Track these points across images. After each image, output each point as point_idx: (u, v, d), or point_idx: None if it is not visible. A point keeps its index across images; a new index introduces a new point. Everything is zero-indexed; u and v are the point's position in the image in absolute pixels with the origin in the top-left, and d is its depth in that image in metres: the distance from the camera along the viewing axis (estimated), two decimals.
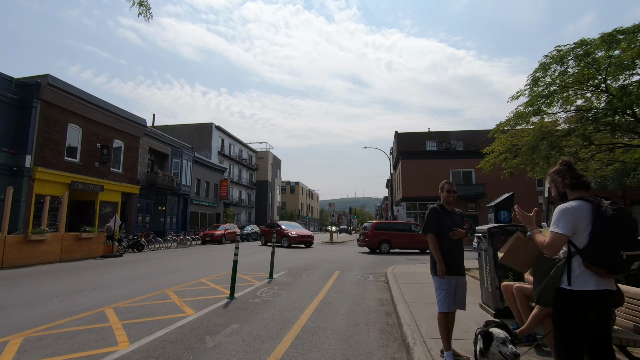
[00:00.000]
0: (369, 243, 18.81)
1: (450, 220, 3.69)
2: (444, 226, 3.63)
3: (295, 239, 22.15)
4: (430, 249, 3.65)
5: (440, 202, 3.84)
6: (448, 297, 3.55)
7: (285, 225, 23.91)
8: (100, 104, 20.06)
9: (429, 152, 32.20)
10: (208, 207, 34.97)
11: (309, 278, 9.39)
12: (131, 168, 23.02)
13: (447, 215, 3.71)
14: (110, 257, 14.69)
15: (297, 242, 22.12)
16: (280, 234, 22.21)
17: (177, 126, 40.67)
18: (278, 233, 22.13)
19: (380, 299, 6.96)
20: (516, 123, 10.95)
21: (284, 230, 22.74)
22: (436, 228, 3.63)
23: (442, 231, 3.63)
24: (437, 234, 3.62)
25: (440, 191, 3.86)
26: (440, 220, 3.64)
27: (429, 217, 3.70)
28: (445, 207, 3.76)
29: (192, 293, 6.99)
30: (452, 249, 3.63)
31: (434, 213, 3.70)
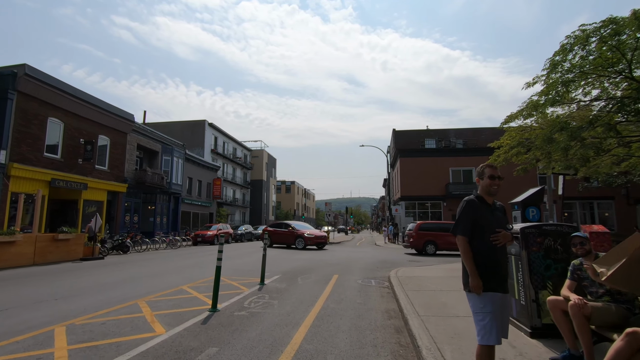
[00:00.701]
0: (414, 244, 17.80)
1: (493, 217, 2.75)
2: (484, 225, 2.71)
3: (312, 240, 20.37)
4: (460, 253, 2.73)
5: (478, 192, 2.90)
6: (495, 324, 2.59)
7: (296, 225, 21.85)
8: (84, 97, 18.95)
9: (428, 149, 31.38)
10: (200, 207, 33.89)
11: (304, 283, 8.45)
12: (118, 165, 21.91)
13: (487, 210, 2.77)
14: (91, 259, 13.65)
15: (313, 244, 20.38)
16: (292, 234, 20.65)
17: (169, 123, 39.52)
18: (290, 234, 20.78)
19: (386, 309, 6.04)
20: (529, 114, 10.08)
21: (297, 231, 20.85)
22: (470, 228, 2.72)
23: (481, 232, 2.70)
24: (473, 235, 2.71)
25: (478, 178, 2.92)
26: (479, 218, 2.71)
27: (462, 213, 2.76)
28: (485, 200, 2.82)
29: (169, 304, 6.01)
30: (495, 256, 2.69)
31: (469, 207, 2.75)
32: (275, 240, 21.19)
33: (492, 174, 2.80)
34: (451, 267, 11.29)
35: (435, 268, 11.17)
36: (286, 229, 21.21)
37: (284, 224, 22.20)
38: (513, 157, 10.70)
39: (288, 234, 20.89)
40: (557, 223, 4.43)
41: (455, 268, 11.09)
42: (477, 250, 2.64)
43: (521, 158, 10.54)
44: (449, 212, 28.13)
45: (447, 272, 9.96)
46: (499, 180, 2.80)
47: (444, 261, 14.31)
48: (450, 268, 11.09)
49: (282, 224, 22.31)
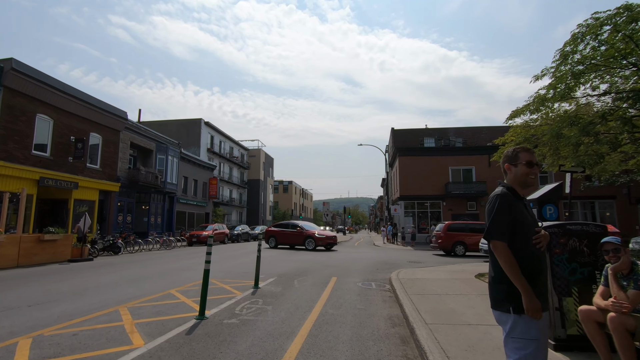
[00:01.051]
0: (443, 245, 17.33)
1: (530, 214, 2.17)
2: (524, 226, 2.08)
3: (323, 240, 19.37)
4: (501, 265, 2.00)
5: (507, 182, 2.23)
6: (541, 355, 1.96)
7: (305, 225, 20.73)
8: (74, 94, 18.40)
9: (428, 148, 30.95)
10: (196, 207, 33.33)
11: (301, 287, 7.97)
12: (110, 164, 21.34)
13: (523, 206, 2.15)
14: (79, 261, 13.10)
15: (324, 244, 19.45)
16: (301, 235, 19.68)
17: (164, 122, 38.92)
18: (299, 234, 19.82)
19: (389, 316, 5.57)
20: (536, 109, 9.63)
21: (307, 231, 19.82)
22: (510, 230, 2.05)
23: (522, 234, 2.05)
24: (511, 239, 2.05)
25: (508, 164, 2.23)
26: (517, 216, 2.07)
27: (497, 211, 2.06)
28: (519, 193, 2.19)
29: (153, 311, 5.52)
30: (539, 264, 2.07)
31: (505, 203, 2.06)
32: (282, 241, 20.29)
33: (530, 160, 2.16)
34: (454, 269, 10.85)
35: (437, 270, 10.73)
36: (294, 229, 20.20)
37: (290, 223, 21.19)
38: None
39: (296, 235, 19.95)
40: (583, 222, 3.97)
41: (459, 270, 10.65)
42: (519, 258, 2.01)
43: None
44: (449, 211, 27.73)
45: (451, 274, 9.51)
46: (537, 168, 2.19)
47: (444, 262, 13.88)
48: (453, 270, 10.65)
49: (289, 223, 21.25)
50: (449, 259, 15.37)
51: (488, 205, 2.14)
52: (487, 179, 27.21)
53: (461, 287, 7.56)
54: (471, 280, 8.54)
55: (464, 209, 27.61)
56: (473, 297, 6.43)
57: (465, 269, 10.79)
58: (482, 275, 9.33)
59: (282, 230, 20.49)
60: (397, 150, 29.89)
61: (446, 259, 15.68)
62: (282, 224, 21.65)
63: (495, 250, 2.04)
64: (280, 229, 20.70)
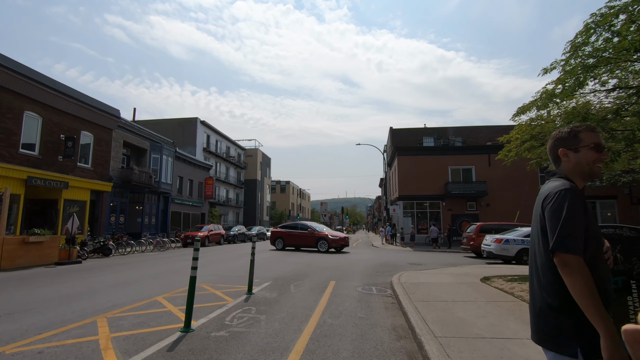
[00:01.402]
0: (475, 247, 16.61)
1: (595, 219, 1.61)
2: (595, 235, 1.57)
3: (337, 242, 18.55)
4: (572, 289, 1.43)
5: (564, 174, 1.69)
6: None
7: (315, 226, 19.78)
8: (65, 91, 17.84)
9: (427, 147, 30.55)
10: (192, 207, 32.78)
11: (298, 292, 7.50)
12: (102, 163, 20.79)
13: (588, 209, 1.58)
14: (67, 264, 12.58)
15: (338, 246, 18.67)
16: (313, 236, 18.78)
17: (159, 121, 38.33)
18: (310, 236, 18.91)
19: (394, 326, 5.11)
20: (544, 105, 9.22)
21: (319, 233, 18.91)
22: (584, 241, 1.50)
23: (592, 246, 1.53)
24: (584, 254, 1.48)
25: (564, 148, 1.70)
26: (591, 220, 1.55)
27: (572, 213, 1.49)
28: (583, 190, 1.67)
29: (134, 322, 5.03)
30: (609, 290, 1.57)
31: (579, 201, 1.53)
32: (291, 243, 19.42)
33: (598, 142, 1.64)
34: (457, 272, 10.42)
35: (440, 273, 10.28)
36: (304, 230, 19.31)
37: (300, 224, 20.32)
38: (525, 151, 9.82)
39: (307, 236, 19.04)
40: (615, 225, 3.52)
41: (462, 273, 10.21)
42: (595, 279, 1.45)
43: (535, 152, 9.67)
44: (448, 212, 27.33)
45: (455, 278, 9.06)
46: (607, 153, 1.69)
47: (446, 264, 13.45)
48: (456, 273, 10.21)
49: (298, 224, 20.42)
50: (452, 261, 14.95)
51: (551, 204, 1.54)
52: (488, 178, 26.84)
53: (468, 292, 7.11)
54: (477, 285, 8.10)
55: (463, 209, 27.22)
56: (482, 305, 5.98)
57: (469, 272, 10.36)
58: (488, 279, 8.90)
59: (290, 232, 19.60)
60: (396, 149, 29.47)
61: (448, 260, 15.26)
62: (290, 224, 20.87)
63: (565, 267, 1.45)
64: (288, 230, 19.81)
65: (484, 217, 26.58)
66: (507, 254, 13.79)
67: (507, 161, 10.56)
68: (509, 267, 11.99)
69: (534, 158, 9.97)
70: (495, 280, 8.73)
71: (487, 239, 14.78)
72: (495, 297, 6.67)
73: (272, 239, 20.03)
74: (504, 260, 14.35)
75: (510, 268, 11.82)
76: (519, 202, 24.53)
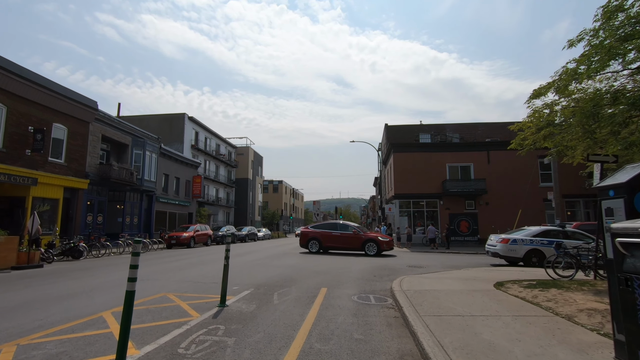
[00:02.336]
0: None
1: None
2: None
3: (387, 244, 16.57)
4: None
5: None
6: None
7: (355, 225, 17.73)
8: (34, 79, 16.37)
9: (424, 144, 29.48)
10: (178, 206, 31.30)
11: (281, 303, 6.26)
12: (77, 158, 19.30)
13: None
14: (24, 268, 11.18)
15: (388, 249, 16.74)
16: (358, 238, 16.67)
17: (145, 117, 36.79)
18: (355, 237, 16.74)
19: (401, 353, 3.89)
20: (564, 86, 8.10)
21: (365, 234, 16.93)
22: None
23: None
24: None
25: None
26: None
27: None
28: None
29: (50, 354, 3.73)
30: None
31: None
32: (329, 245, 17.15)
33: None
34: (464, 276, 9.24)
35: (445, 277, 9.09)
36: (347, 231, 17.09)
37: (338, 224, 17.97)
38: (542, 139, 8.69)
39: (352, 238, 16.82)
40: None
41: (470, 277, 9.04)
42: None
43: (555, 140, 8.54)
44: (446, 211, 26.26)
45: (464, 284, 7.88)
46: None
47: (447, 266, 12.29)
48: (463, 277, 9.03)
49: (336, 224, 18.05)
50: (453, 263, 13.80)
51: None
52: (487, 176, 25.83)
53: (485, 303, 5.92)
54: (493, 292, 6.92)
55: (462, 207, 26.17)
56: (509, 322, 4.79)
57: (478, 276, 9.20)
58: (502, 285, 7.75)
59: (328, 232, 17.27)
60: (392, 146, 28.35)
61: (449, 262, 14.11)
62: (326, 224, 18.47)
63: None
64: (324, 231, 17.42)
65: (483, 217, 25.57)
66: (515, 255, 12.69)
67: (521, 151, 9.44)
68: (518, 270, 10.87)
69: (552, 147, 8.83)
70: (511, 287, 7.58)
71: (492, 239, 13.67)
72: (520, 309, 5.49)
73: (304, 240, 17.63)
74: (509, 262, 13.25)
75: (521, 271, 10.70)
76: (519, 200, 23.56)
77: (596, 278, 8.76)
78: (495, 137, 29.52)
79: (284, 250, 20.05)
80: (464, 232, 25.69)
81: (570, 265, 8.89)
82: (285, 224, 74.79)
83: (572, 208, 26.06)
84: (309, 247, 17.49)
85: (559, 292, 6.81)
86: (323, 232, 17.38)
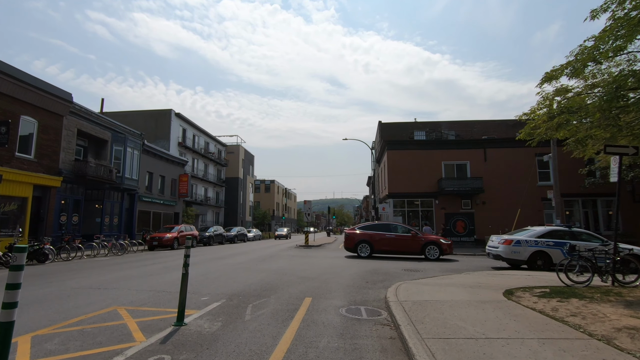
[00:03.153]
0: None
1: None
2: None
3: (450, 247, 15.18)
4: None
5: None
6: None
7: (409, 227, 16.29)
8: None
9: (419, 141, 28.57)
10: (163, 206, 29.98)
11: (254, 319, 5.17)
12: (49, 154, 17.97)
13: None
14: None
15: (449, 253, 15.37)
16: (417, 240, 15.03)
17: (130, 113, 35.35)
18: (413, 239, 15.07)
19: None
20: (582, 66, 7.13)
21: (425, 236, 15.44)
22: None
23: None
24: None
25: None
26: None
27: None
28: None
29: None
30: None
31: None
32: (382, 248, 15.46)
33: None
34: (467, 282, 8.22)
35: (447, 284, 8.06)
36: (406, 233, 15.51)
37: (392, 225, 16.37)
38: (557, 128, 7.69)
39: (410, 240, 15.21)
40: None
41: (474, 284, 8.03)
42: None
43: (571, 129, 7.56)
44: (442, 210, 25.36)
45: (469, 293, 6.85)
46: None
47: (446, 270, 11.29)
48: (466, 284, 8.01)
49: (389, 225, 16.46)
50: (452, 267, 12.81)
51: None
52: (484, 174, 24.97)
53: (499, 318, 4.90)
54: (505, 304, 5.90)
55: (458, 207, 25.28)
56: (535, 347, 3.77)
57: (482, 283, 8.19)
58: (512, 294, 6.76)
59: (380, 234, 15.55)
60: (386, 143, 27.37)
61: (446, 265, 13.12)
62: (376, 225, 16.83)
63: None
64: (377, 232, 15.66)
65: (479, 216, 24.71)
66: (518, 258, 11.74)
67: (531, 141, 8.44)
68: (524, 275, 9.90)
69: (569, 137, 7.84)
70: (523, 296, 6.59)
71: (494, 240, 12.73)
72: (544, 329, 4.47)
73: (351, 243, 15.80)
74: (511, 265, 12.32)
75: (527, 275, 9.74)
76: (517, 199, 22.72)
77: (614, 284, 7.83)
78: (491, 135, 28.72)
79: (272, 252, 18.94)
80: (460, 233, 24.83)
81: (585, 269, 7.95)
82: (277, 224, 73.58)
83: (570, 207, 25.30)
84: (357, 251, 15.60)
85: (582, 303, 5.82)
86: (374, 234, 15.61)
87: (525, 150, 25.56)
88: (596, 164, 15.63)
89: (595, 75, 7.81)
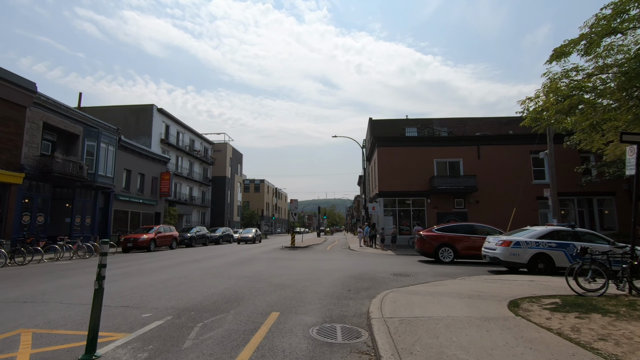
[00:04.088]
0: None
1: None
2: None
3: None
4: None
5: None
6: None
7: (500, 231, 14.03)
8: None
9: (410, 138, 27.58)
10: (142, 205, 28.49)
11: (195, 347, 3.98)
12: (9, 148, 16.49)
13: None
14: None
15: None
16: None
17: (109, 107, 33.79)
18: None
19: None
20: (598, 39, 6.08)
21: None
22: None
23: None
24: None
25: None
26: None
27: None
28: None
29: None
30: None
31: None
32: (467, 252, 13.73)
33: None
34: (464, 291, 7.11)
35: (441, 292, 6.93)
36: None
37: (478, 227, 14.56)
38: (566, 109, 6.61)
39: None
40: None
41: (473, 292, 6.91)
42: None
43: (586, 110, 6.50)
44: (434, 209, 24.38)
45: (471, 306, 5.73)
46: None
47: (439, 274, 10.21)
48: (464, 293, 6.90)
49: (473, 226, 14.78)
50: (446, 270, 11.72)
51: None
52: (477, 172, 24.05)
53: (510, 343, 3.78)
54: (512, 321, 4.79)
55: (450, 206, 24.33)
56: None
57: (481, 291, 7.10)
58: (518, 306, 5.68)
59: (464, 237, 13.89)
60: (376, 140, 26.32)
61: (440, 269, 12.03)
62: (457, 226, 14.83)
63: None
64: (457, 235, 14.01)
65: (473, 216, 23.77)
66: (518, 260, 10.71)
67: (537, 127, 7.37)
68: (526, 280, 8.85)
69: (582, 122, 6.77)
70: (532, 309, 5.50)
71: (491, 241, 11.69)
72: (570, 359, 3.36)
73: (430, 247, 14.05)
74: (510, 268, 11.30)
75: (530, 281, 8.69)
76: (512, 199, 21.82)
77: (631, 293, 6.80)
78: (485, 132, 27.87)
79: (253, 255, 17.71)
80: None
81: (598, 275, 6.92)
82: (266, 224, 72.17)
83: (564, 207, 24.52)
84: (439, 256, 13.91)
85: (608, 321, 4.74)
86: (457, 237, 13.94)
87: (520, 147, 24.81)
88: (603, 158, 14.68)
89: (609, 54, 6.77)
